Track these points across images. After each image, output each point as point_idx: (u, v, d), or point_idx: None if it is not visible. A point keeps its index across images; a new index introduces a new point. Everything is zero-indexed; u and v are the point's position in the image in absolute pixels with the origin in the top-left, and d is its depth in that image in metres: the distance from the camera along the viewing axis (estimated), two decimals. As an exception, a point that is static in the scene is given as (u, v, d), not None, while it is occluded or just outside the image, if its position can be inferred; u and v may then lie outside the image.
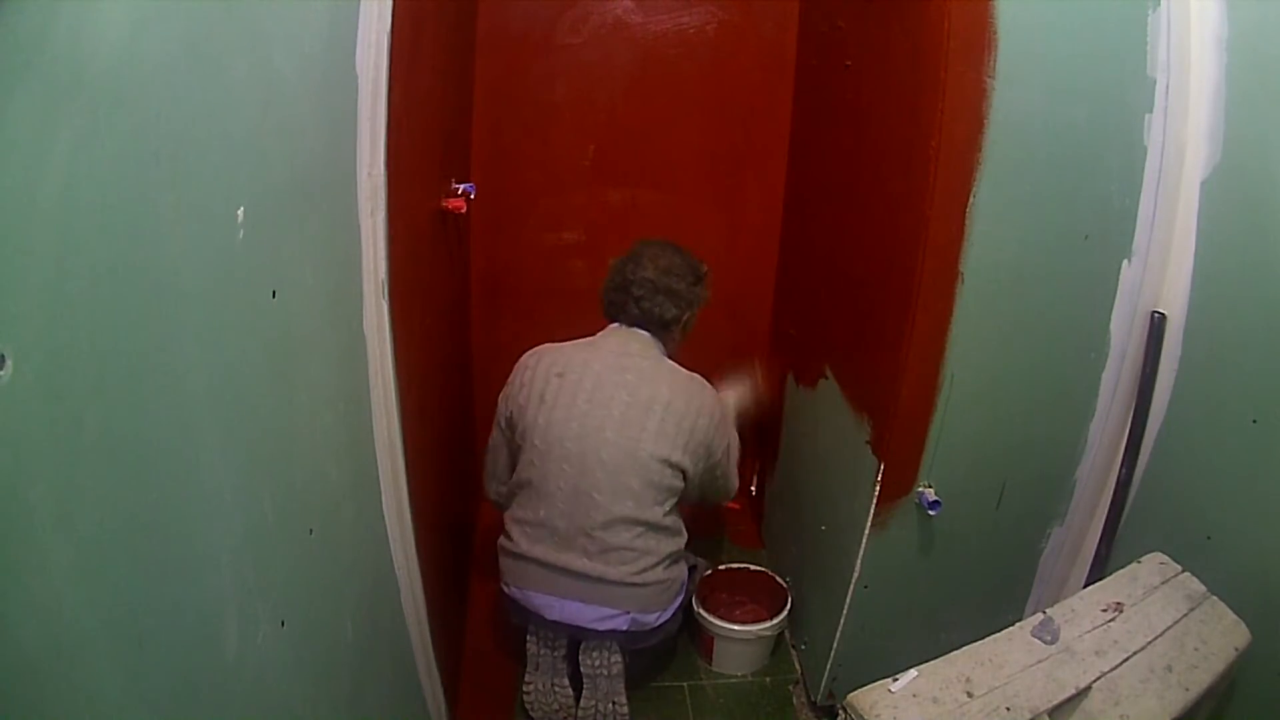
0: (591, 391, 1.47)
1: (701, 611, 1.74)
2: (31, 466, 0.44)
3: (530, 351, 1.57)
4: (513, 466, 1.56)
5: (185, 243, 0.58)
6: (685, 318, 1.59)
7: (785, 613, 1.75)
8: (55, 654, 0.46)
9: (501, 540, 1.56)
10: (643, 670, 1.69)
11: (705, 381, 1.56)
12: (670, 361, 1.56)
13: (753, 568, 1.90)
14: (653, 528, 1.47)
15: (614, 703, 1.56)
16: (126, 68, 0.50)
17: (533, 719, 1.62)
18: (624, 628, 1.50)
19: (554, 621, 1.52)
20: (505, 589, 1.56)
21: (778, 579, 1.84)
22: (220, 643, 0.64)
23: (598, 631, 1.51)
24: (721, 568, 1.88)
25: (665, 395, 1.48)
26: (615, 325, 1.58)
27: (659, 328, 1.56)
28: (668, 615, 1.56)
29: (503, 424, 1.58)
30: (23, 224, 0.43)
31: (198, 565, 0.61)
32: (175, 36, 0.56)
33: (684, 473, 1.49)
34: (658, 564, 1.49)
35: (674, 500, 1.51)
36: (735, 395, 1.89)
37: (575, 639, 1.56)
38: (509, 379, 1.57)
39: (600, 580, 1.46)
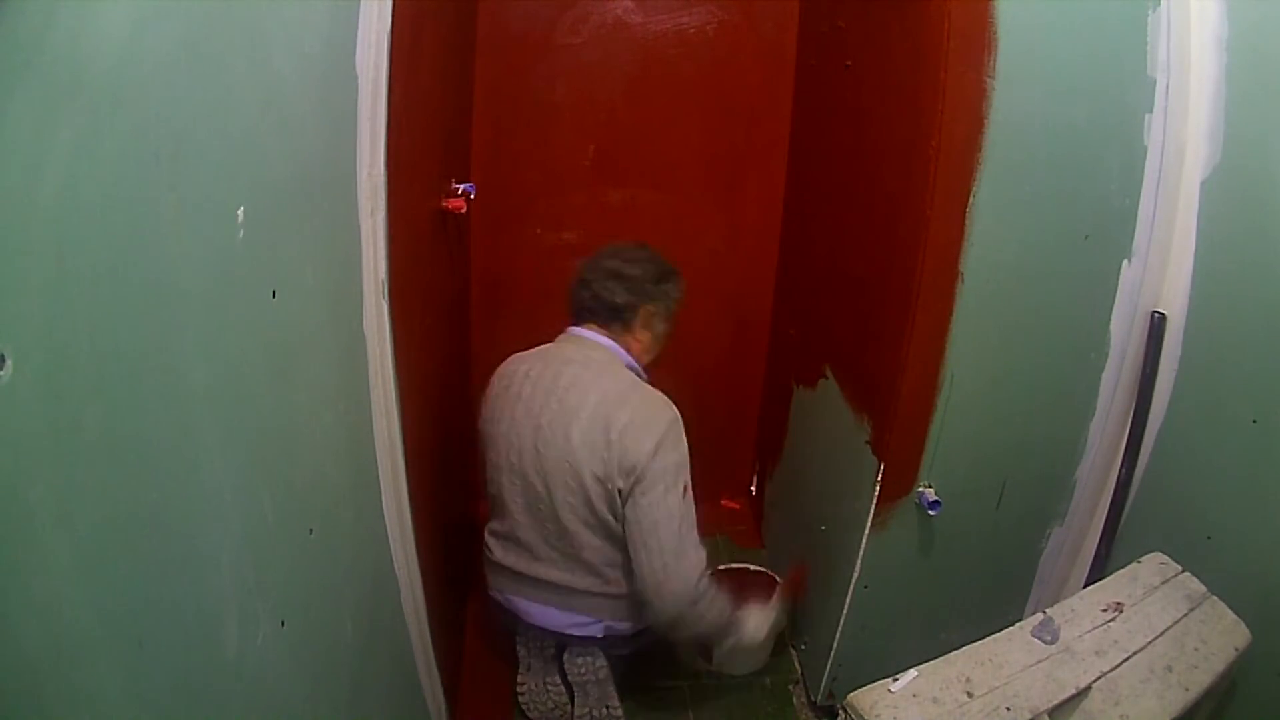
0: (527, 402, 1.39)
1: None
2: (31, 466, 0.44)
3: (504, 361, 1.52)
4: None
5: (185, 243, 0.58)
6: (641, 309, 1.45)
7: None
8: (55, 654, 0.46)
9: (483, 548, 1.55)
10: (641, 669, 1.69)
11: (656, 396, 1.38)
12: (618, 369, 1.41)
13: (753, 568, 1.89)
14: (612, 538, 1.38)
15: (607, 707, 1.55)
16: (126, 68, 0.50)
17: (530, 719, 1.62)
18: (599, 635, 1.48)
19: (537, 625, 1.51)
20: (491, 593, 1.56)
21: (778, 579, 1.84)
22: (220, 643, 0.64)
23: (576, 637, 1.50)
24: (721, 568, 1.87)
25: (593, 402, 1.34)
26: (569, 330, 1.49)
27: (610, 316, 1.44)
28: (645, 623, 1.47)
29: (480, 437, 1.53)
30: (23, 224, 0.43)
31: (198, 565, 0.61)
32: (175, 36, 0.56)
33: (619, 491, 1.33)
34: (628, 575, 1.39)
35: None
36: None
37: (560, 642, 1.55)
38: None
39: (571, 589, 1.43)
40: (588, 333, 1.46)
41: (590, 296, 1.45)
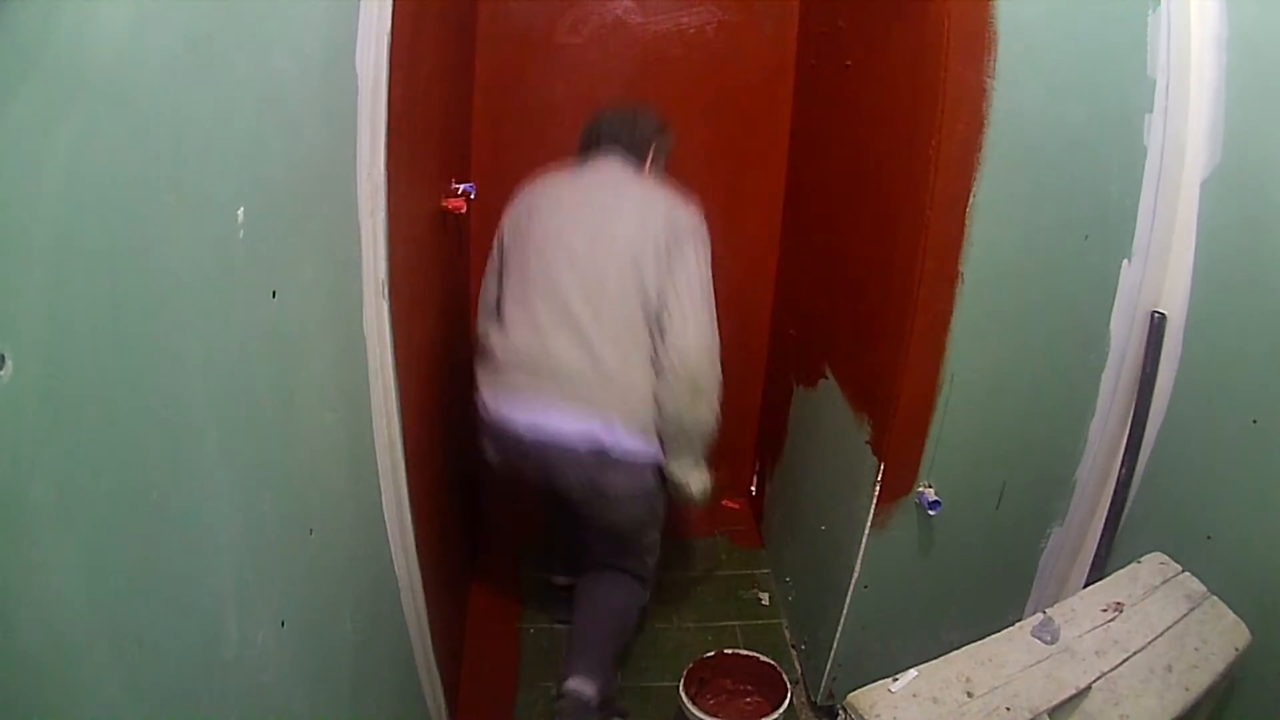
0: (585, 192, 1.55)
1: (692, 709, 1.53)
2: (31, 466, 0.44)
3: (530, 179, 1.63)
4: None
5: (185, 243, 0.58)
6: (655, 142, 1.64)
7: (782, 708, 1.53)
8: (55, 654, 0.46)
9: (479, 356, 1.56)
10: (634, 669, 1.68)
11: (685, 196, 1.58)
12: (644, 178, 1.61)
13: (763, 659, 1.65)
14: (650, 320, 1.47)
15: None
16: (126, 68, 0.50)
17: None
18: (603, 440, 1.43)
19: (534, 443, 1.45)
20: (483, 416, 1.52)
21: (785, 676, 1.60)
22: (220, 643, 0.64)
23: (574, 451, 1.44)
24: (728, 652, 1.67)
25: (639, 192, 1.55)
26: (590, 157, 1.63)
27: (630, 147, 1.61)
28: (644, 453, 1.48)
29: (496, 248, 1.62)
30: (23, 224, 0.43)
31: (198, 565, 0.61)
32: (175, 36, 0.56)
33: (663, 252, 1.47)
34: (642, 375, 1.46)
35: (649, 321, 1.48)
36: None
37: (556, 480, 1.50)
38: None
39: (583, 372, 1.43)
40: (613, 155, 1.60)
41: (615, 129, 1.61)
